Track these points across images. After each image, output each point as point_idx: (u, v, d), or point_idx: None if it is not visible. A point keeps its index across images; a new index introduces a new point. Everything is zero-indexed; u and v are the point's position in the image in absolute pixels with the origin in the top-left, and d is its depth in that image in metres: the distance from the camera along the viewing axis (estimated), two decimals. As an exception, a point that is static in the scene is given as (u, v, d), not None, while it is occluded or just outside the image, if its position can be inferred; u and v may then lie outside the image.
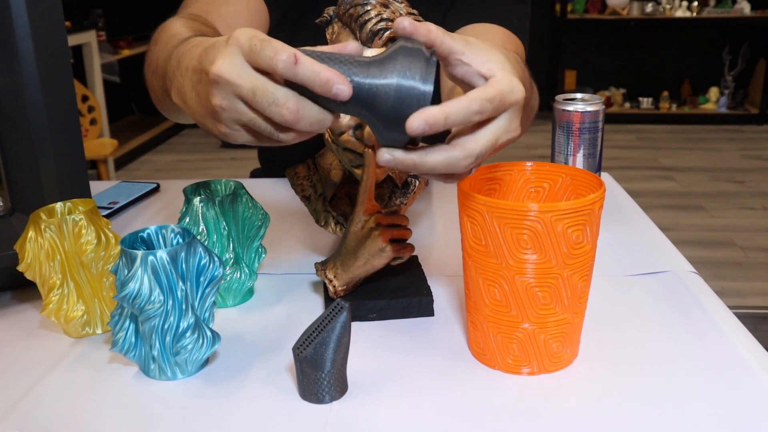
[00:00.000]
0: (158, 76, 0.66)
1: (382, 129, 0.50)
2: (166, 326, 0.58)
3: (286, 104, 0.48)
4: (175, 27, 0.70)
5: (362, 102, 0.49)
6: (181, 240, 0.63)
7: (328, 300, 0.71)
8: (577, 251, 0.56)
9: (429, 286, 0.72)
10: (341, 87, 0.48)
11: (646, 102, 5.10)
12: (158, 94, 0.69)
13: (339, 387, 0.57)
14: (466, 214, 0.58)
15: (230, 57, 0.48)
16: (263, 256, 0.76)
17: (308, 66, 0.47)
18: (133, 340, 0.60)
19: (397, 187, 0.73)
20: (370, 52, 0.63)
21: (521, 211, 0.54)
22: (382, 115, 0.49)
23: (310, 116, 0.49)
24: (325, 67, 0.48)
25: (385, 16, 0.62)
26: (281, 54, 0.47)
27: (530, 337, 0.58)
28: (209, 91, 0.50)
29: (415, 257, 0.78)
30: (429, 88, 0.48)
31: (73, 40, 3.51)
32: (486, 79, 0.51)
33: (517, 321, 0.58)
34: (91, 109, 3.28)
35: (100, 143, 3.24)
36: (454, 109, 0.48)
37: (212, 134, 0.55)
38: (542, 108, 0.97)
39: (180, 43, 0.60)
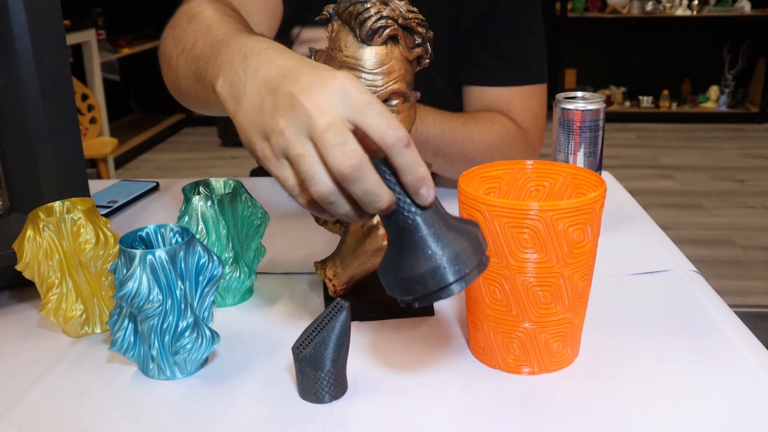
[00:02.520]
0: (192, 58, 0.60)
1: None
2: (165, 326, 0.58)
3: (352, 156, 0.44)
4: (211, 15, 0.64)
5: (403, 237, 0.46)
6: (180, 239, 0.63)
7: (328, 299, 0.71)
8: (578, 250, 0.56)
9: (429, 286, 0.72)
10: (431, 192, 0.45)
11: (646, 101, 5.10)
12: (187, 76, 0.63)
13: (339, 387, 0.57)
14: (466, 213, 0.57)
15: (331, 98, 0.44)
16: (263, 255, 0.75)
17: (415, 155, 0.45)
18: (132, 339, 0.60)
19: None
20: (369, 51, 0.62)
21: (522, 210, 0.54)
22: (404, 263, 0.46)
23: (366, 183, 0.44)
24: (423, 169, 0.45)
25: (385, 13, 0.61)
26: (400, 131, 0.44)
27: (531, 337, 0.58)
28: (282, 112, 0.46)
29: (415, 256, 0.78)
30: (456, 289, 0.46)
31: (73, 38, 3.50)
32: None
33: (517, 320, 0.58)
34: (90, 108, 3.27)
35: (99, 142, 3.24)
36: None
37: (249, 147, 0.50)
38: (542, 107, 1.00)
39: (240, 33, 0.55)
